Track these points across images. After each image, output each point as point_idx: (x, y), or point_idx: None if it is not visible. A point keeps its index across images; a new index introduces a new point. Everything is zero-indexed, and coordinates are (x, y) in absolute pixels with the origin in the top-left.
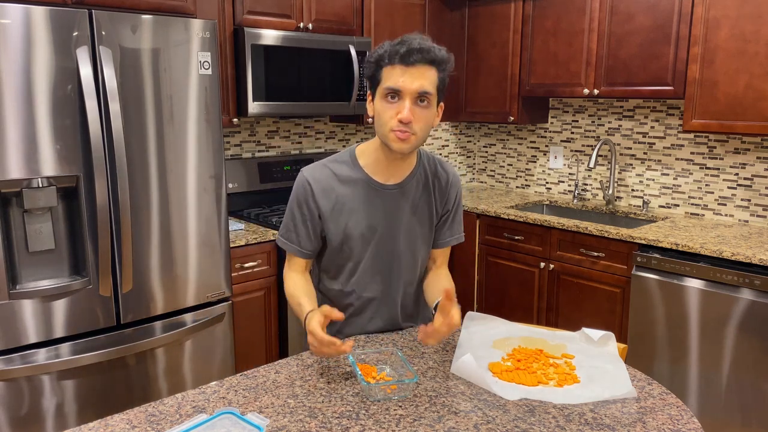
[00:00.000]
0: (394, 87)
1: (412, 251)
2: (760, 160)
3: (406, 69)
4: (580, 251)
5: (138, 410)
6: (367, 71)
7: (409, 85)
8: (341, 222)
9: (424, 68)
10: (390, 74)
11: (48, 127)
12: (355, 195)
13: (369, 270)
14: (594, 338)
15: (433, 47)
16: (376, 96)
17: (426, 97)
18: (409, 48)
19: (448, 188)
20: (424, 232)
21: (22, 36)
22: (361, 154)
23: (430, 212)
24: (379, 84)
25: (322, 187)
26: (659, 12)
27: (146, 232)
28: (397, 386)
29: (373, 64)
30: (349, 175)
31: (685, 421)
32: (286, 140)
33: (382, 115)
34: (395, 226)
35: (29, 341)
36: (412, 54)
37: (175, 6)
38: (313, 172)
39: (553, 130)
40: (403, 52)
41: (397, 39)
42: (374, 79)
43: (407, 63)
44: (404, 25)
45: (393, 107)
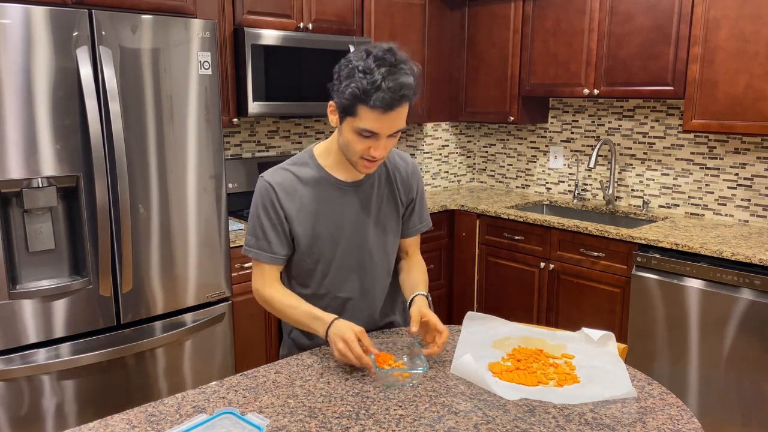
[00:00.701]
0: (372, 130)
1: (383, 244)
2: (760, 160)
3: (384, 114)
4: (580, 251)
5: (138, 410)
6: (341, 98)
7: (389, 130)
8: (308, 223)
9: (402, 108)
10: (367, 116)
11: (48, 127)
12: (319, 195)
13: (342, 269)
14: (594, 338)
15: (410, 82)
16: (347, 125)
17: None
18: (392, 95)
19: (408, 177)
20: (392, 225)
21: (22, 36)
22: (320, 155)
23: (396, 204)
24: (352, 116)
25: (285, 190)
26: (659, 12)
27: (146, 232)
28: (409, 374)
29: (348, 98)
30: (312, 176)
31: (685, 421)
32: (286, 140)
33: (354, 147)
34: (363, 222)
35: (29, 341)
36: (393, 103)
37: (175, 6)
38: (273, 176)
39: (553, 130)
40: (386, 102)
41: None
42: (348, 110)
43: (387, 110)
44: (404, 25)
45: (366, 142)
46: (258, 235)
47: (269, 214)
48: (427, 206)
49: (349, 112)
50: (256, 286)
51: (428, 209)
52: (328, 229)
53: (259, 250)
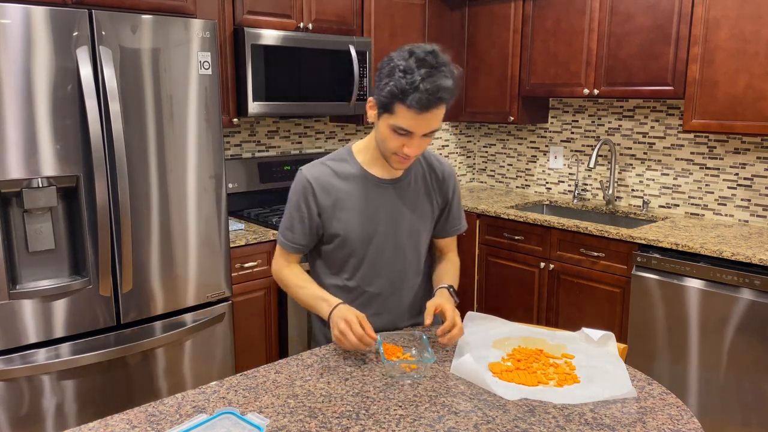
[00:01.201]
0: (407, 129)
1: (415, 243)
2: (760, 160)
3: (421, 114)
4: (580, 251)
5: (138, 410)
6: (380, 95)
7: (423, 130)
8: (342, 218)
9: (439, 109)
10: (404, 115)
11: (48, 127)
12: (356, 191)
13: (373, 265)
14: (594, 338)
15: (448, 85)
16: (384, 122)
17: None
18: (428, 96)
19: (444, 180)
20: (425, 225)
21: (22, 36)
22: (358, 152)
23: (431, 204)
24: (389, 113)
25: (322, 185)
26: (659, 12)
27: (146, 232)
28: (417, 365)
29: (387, 95)
30: (349, 172)
31: (685, 421)
32: (286, 140)
33: (389, 144)
34: (397, 220)
35: (29, 341)
36: (430, 104)
37: (175, 6)
38: (312, 170)
39: (553, 130)
40: (423, 101)
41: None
42: (386, 107)
43: (424, 110)
44: (404, 25)
45: (401, 140)
46: (285, 224)
47: (300, 207)
48: (461, 209)
49: (387, 109)
50: (275, 267)
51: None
52: (362, 225)
53: (283, 237)
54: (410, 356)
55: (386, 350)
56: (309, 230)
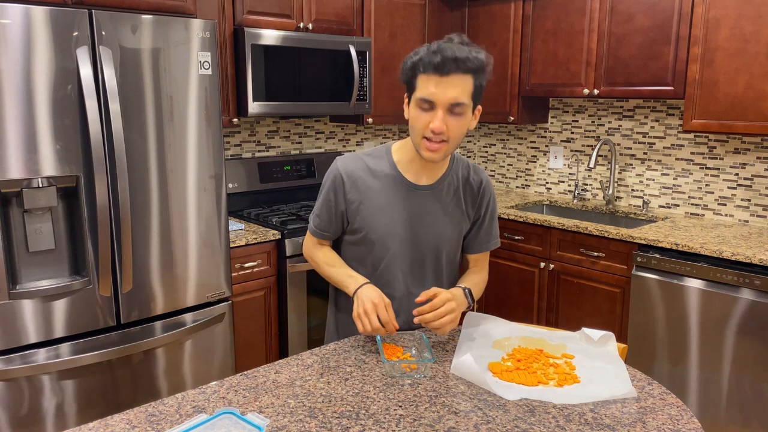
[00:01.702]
0: (427, 98)
1: (437, 254)
2: (760, 160)
3: (440, 79)
4: (580, 251)
5: (138, 410)
6: (402, 77)
7: (443, 97)
8: (368, 216)
9: (459, 78)
10: (424, 84)
11: (48, 127)
12: (385, 191)
13: (392, 267)
14: (594, 338)
15: (470, 55)
16: (411, 103)
17: (460, 106)
18: (443, 57)
19: (480, 194)
20: (452, 236)
21: (22, 36)
22: (396, 151)
23: (460, 217)
24: (414, 91)
25: (353, 180)
26: (659, 12)
27: (146, 232)
28: (417, 365)
29: (408, 71)
30: (383, 171)
31: (685, 421)
32: (286, 140)
33: (415, 124)
34: (422, 226)
35: (29, 341)
36: (446, 64)
37: (175, 6)
38: (346, 163)
39: (553, 130)
40: (437, 62)
41: (434, 44)
42: (410, 85)
43: (442, 73)
44: (404, 25)
45: (426, 116)
46: (316, 210)
47: (329, 197)
48: (496, 225)
49: (411, 86)
50: (305, 247)
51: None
52: (385, 226)
53: (312, 223)
54: (410, 356)
55: (386, 350)
56: (334, 219)
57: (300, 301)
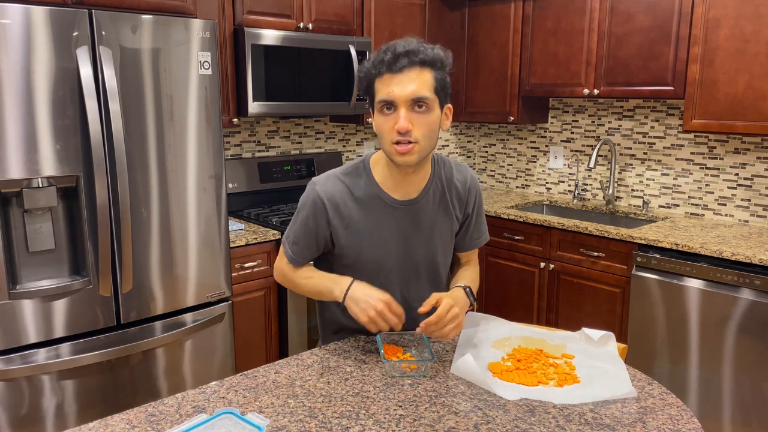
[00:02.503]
0: (386, 99)
1: (432, 263)
2: (760, 160)
3: (395, 77)
4: (580, 251)
5: (138, 410)
6: (361, 89)
7: (401, 93)
8: (355, 241)
9: (415, 72)
10: (381, 86)
11: (48, 127)
12: (369, 214)
13: (388, 284)
14: (594, 338)
15: (422, 47)
16: (375, 112)
17: (423, 102)
18: (394, 53)
19: (466, 193)
20: (444, 243)
21: (22, 36)
22: (375, 165)
23: (450, 221)
24: (373, 98)
25: (335, 205)
26: (659, 12)
27: (146, 232)
28: (417, 365)
29: (364, 80)
30: (364, 193)
31: (685, 421)
32: (286, 140)
33: (381, 130)
34: (412, 241)
35: (29, 341)
36: (398, 59)
37: (175, 6)
38: (326, 187)
39: (553, 130)
40: (388, 60)
41: (381, 47)
42: (369, 94)
43: (394, 70)
44: (404, 25)
45: (390, 120)
46: (292, 235)
47: (308, 224)
48: (484, 220)
49: (370, 94)
50: (278, 269)
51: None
52: (375, 249)
53: (289, 249)
54: (410, 356)
55: (386, 350)
56: (316, 245)
57: (300, 301)
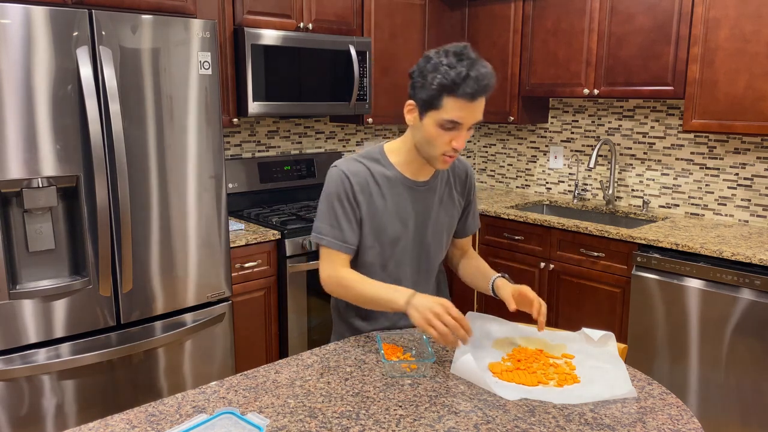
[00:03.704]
0: (456, 120)
1: (439, 243)
2: (760, 160)
3: (469, 104)
4: (580, 251)
5: (138, 410)
6: (422, 93)
7: (471, 120)
8: (374, 220)
9: (483, 99)
10: (453, 107)
11: (48, 127)
12: (389, 194)
13: (401, 265)
14: (594, 338)
15: (491, 76)
16: (429, 119)
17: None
18: (477, 86)
19: (466, 179)
20: (450, 224)
21: (22, 36)
22: (391, 153)
23: (454, 205)
24: (435, 109)
25: (359, 182)
26: (659, 12)
27: (146, 232)
28: (417, 365)
29: (434, 90)
30: (383, 173)
31: (685, 421)
32: (286, 140)
33: (436, 141)
34: (425, 221)
35: (29, 341)
36: (479, 92)
37: (175, 6)
38: (348, 166)
39: (553, 130)
40: (471, 91)
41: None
42: (431, 103)
43: (472, 99)
44: (404, 25)
45: (448, 135)
46: (332, 223)
47: (343, 202)
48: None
49: (433, 105)
50: (328, 272)
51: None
52: (393, 228)
53: (332, 238)
54: (410, 356)
55: (386, 350)
56: (356, 223)
57: (300, 301)
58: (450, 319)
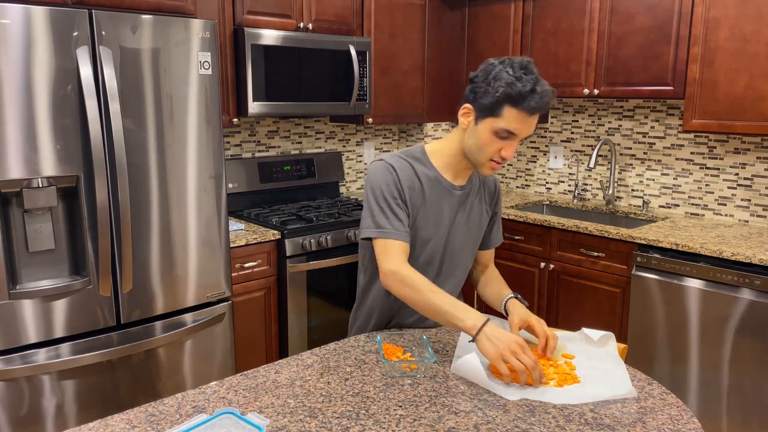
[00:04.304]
0: (512, 131)
1: (464, 251)
2: (760, 160)
3: (529, 118)
4: (580, 251)
5: (138, 410)
6: (485, 99)
7: (526, 133)
8: (417, 216)
9: (538, 116)
10: (513, 117)
11: (48, 127)
12: (429, 193)
13: (422, 267)
14: (594, 338)
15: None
16: (485, 125)
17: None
18: (540, 101)
19: (495, 192)
20: (476, 234)
21: (22, 36)
22: (432, 154)
23: (482, 215)
24: (494, 116)
25: (404, 178)
26: (659, 12)
27: (146, 232)
28: (417, 365)
29: (499, 97)
30: (425, 173)
31: (685, 421)
32: (286, 140)
33: (487, 147)
34: (454, 226)
35: (29, 341)
36: (539, 108)
37: (175, 6)
38: (393, 161)
39: (553, 130)
40: (535, 106)
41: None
42: (491, 109)
43: (533, 113)
44: (404, 25)
45: (501, 143)
46: (388, 215)
47: (393, 193)
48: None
49: (493, 112)
50: (393, 267)
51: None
52: (426, 228)
53: (393, 229)
54: (410, 356)
55: (386, 350)
56: (406, 217)
57: (300, 301)
58: (528, 359)
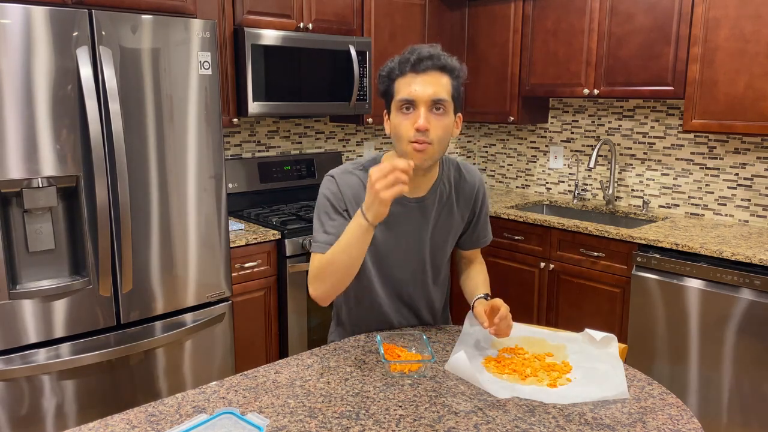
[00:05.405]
0: (407, 98)
1: (434, 261)
2: (760, 160)
3: (416, 76)
4: (580, 251)
5: (138, 410)
6: (380, 88)
7: (422, 93)
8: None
9: (436, 75)
10: (403, 86)
11: (48, 127)
12: None
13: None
14: (596, 339)
15: (443, 54)
16: (392, 111)
17: (441, 104)
18: (419, 56)
19: (473, 195)
20: (446, 243)
21: (22, 36)
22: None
23: (455, 222)
24: (393, 98)
25: (354, 195)
26: (659, 12)
27: (146, 232)
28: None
29: (385, 78)
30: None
31: (685, 421)
32: (286, 140)
33: (399, 129)
34: (416, 239)
35: (29, 341)
36: (422, 61)
37: (175, 6)
38: (342, 179)
39: (553, 130)
40: (413, 60)
41: (405, 50)
42: (388, 94)
43: (418, 71)
44: (404, 25)
45: (408, 118)
46: (323, 230)
47: (327, 206)
48: (488, 221)
49: (389, 94)
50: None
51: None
52: (384, 244)
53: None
54: (410, 356)
55: (386, 350)
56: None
57: (300, 301)
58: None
